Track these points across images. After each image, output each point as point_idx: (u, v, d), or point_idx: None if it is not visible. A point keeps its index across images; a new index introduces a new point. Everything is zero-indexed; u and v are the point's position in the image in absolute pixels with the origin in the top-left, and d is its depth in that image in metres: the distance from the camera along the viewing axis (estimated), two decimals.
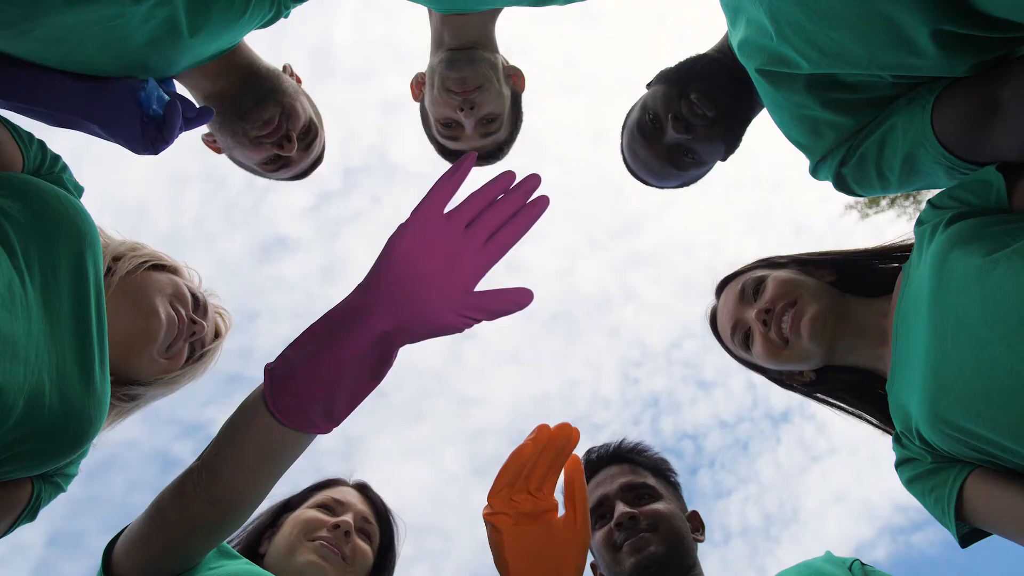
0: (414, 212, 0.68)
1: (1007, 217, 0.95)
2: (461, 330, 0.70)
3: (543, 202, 0.69)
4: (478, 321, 0.69)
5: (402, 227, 0.68)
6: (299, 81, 1.47)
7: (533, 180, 0.69)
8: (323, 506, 1.26)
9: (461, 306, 0.67)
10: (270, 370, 0.72)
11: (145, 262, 1.12)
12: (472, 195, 0.69)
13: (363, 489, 1.36)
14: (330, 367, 0.68)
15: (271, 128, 1.34)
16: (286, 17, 1.27)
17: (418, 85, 1.61)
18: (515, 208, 0.69)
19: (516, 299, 0.69)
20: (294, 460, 0.77)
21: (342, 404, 0.71)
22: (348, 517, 1.23)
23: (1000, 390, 0.85)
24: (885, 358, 1.11)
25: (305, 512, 1.23)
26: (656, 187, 1.62)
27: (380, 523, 1.31)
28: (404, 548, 1.33)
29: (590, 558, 1.42)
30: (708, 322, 1.42)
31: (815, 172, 1.24)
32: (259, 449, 0.73)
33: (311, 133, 1.44)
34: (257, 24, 1.21)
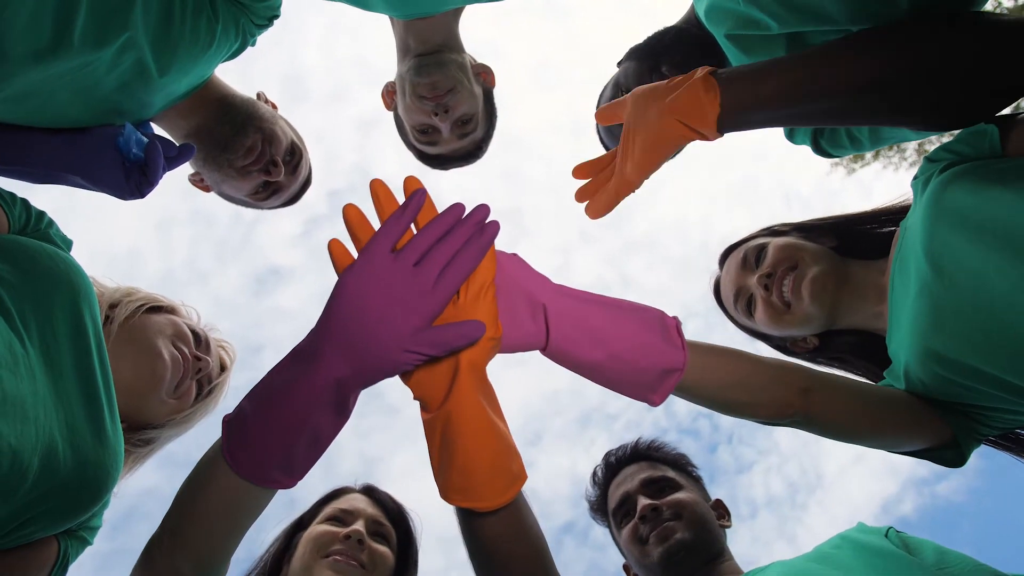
0: (360, 254, 0.66)
1: (1000, 160, 0.96)
2: (413, 366, 0.67)
3: (492, 229, 0.67)
4: (428, 356, 0.66)
5: (348, 270, 0.66)
6: (274, 107, 1.47)
7: (482, 210, 0.68)
8: (333, 519, 1.25)
9: (411, 343, 0.64)
10: (228, 422, 0.70)
11: (142, 305, 1.12)
12: (420, 232, 0.66)
13: (370, 492, 1.36)
14: (283, 420, 0.66)
15: (255, 155, 1.34)
16: (253, 45, 1.27)
17: (389, 94, 1.61)
18: (464, 240, 0.66)
19: (466, 332, 0.66)
20: (259, 513, 0.75)
21: (301, 457, 0.70)
22: (359, 525, 1.22)
23: (1000, 323, 0.86)
24: (884, 315, 1.11)
25: (315, 528, 1.23)
26: None
27: (393, 521, 1.30)
28: (435, 559, 1.33)
29: (622, 559, 1.43)
30: (712, 292, 1.43)
31: (791, 137, 1.25)
32: (221, 506, 0.71)
33: (296, 155, 1.44)
34: (225, 55, 1.21)
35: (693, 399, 0.84)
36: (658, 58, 1.40)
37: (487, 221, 0.68)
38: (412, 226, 0.70)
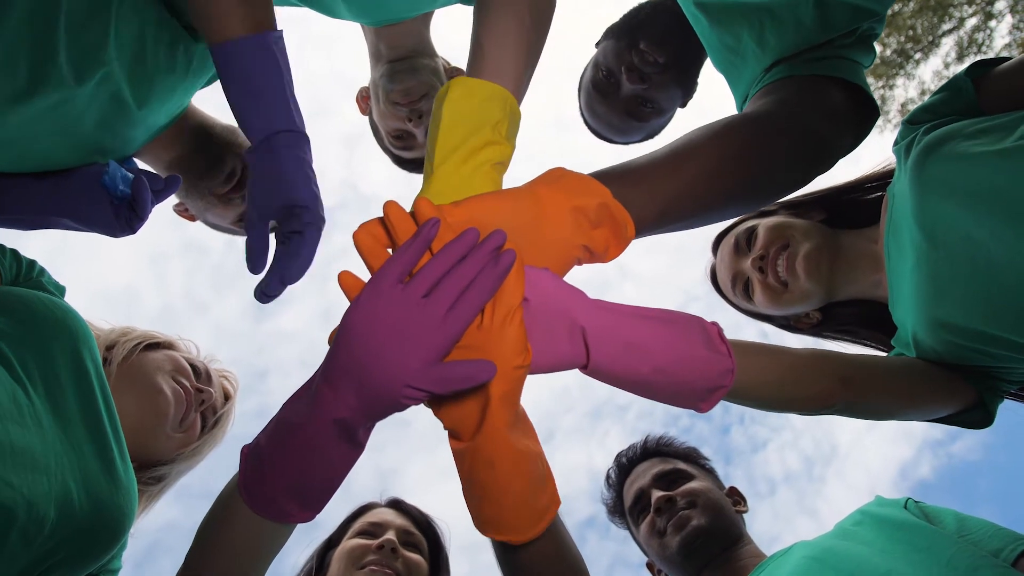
0: (366, 286, 0.63)
1: (978, 120, 0.96)
2: (417, 403, 0.64)
3: (508, 258, 0.62)
4: (431, 393, 0.62)
5: (354, 302, 0.63)
6: None
7: (496, 238, 0.63)
8: (363, 533, 1.27)
9: (416, 379, 0.60)
10: (245, 456, 0.70)
11: (139, 344, 1.12)
12: (429, 262, 0.62)
13: (397, 504, 1.38)
14: (294, 455, 0.65)
15: (235, 181, 1.34)
16: None
17: (364, 99, 1.61)
18: (477, 269, 0.62)
19: (473, 373, 0.61)
20: (281, 547, 0.75)
21: (316, 492, 0.69)
22: (390, 535, 1.23)
23: (1001, 286, 0.86)
24: (883, 283, 1.11)
25: (347, 543, 1.24)
26: (621, 143, 1.62)
27: (422, 530, 1.32)
28: (461, 566, 1.34)
29: (645, 558, 1.43)
30: (709, 280, 1.43)
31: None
32: (241, 543, 0.70)
33: None
34: (202, 81, 1.20)
35: (737, 401, 0.81)
36: (636, 34, 1.40)
37: (502, 249, 0.63)
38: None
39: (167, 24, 1.03)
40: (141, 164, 1.28)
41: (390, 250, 0.68)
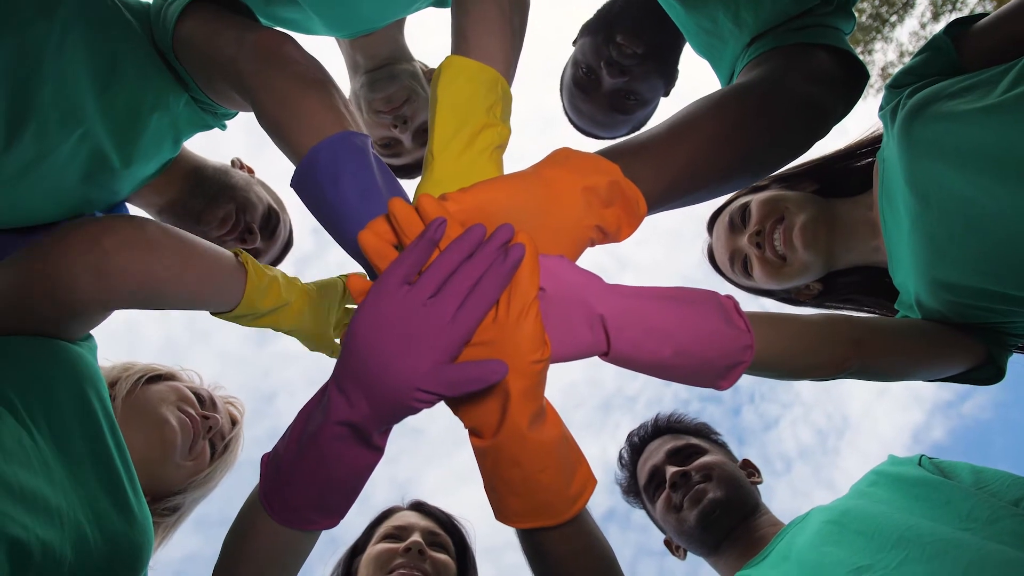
0: (371, 289, 0.61)
1: (961, 78, 0.96)
2: (428, 406, 0.62)
3: (516, 253, 0.59)
4: (441, 396, 0.61)
5: (361, 306, 0.61)
6: (251, 171, 1.46)
7: (503, 232, 0.60)
8: (389, 537, 1.27)
9: (425, 382, 0.59)
10: (265, 465, 0.70)
11: (141, 378, 1.12)
12: (435, 262, 0.60)
13: (419, 507, 1.39)
14: (312, 462, 0.65)
15: (229, 225, 1.33)
16: (223, 129, 1.25)
17: None
18: (484, 267, 0.60)
19: (482, 375, 0.58)
20: (307, 553, 0.74)
21: (336, 498, 0.68)
22: (416, 537, 1.24)
23: (997, 242, 0.86)
24: (882, 248, 1.11)
25: (374, 549, 1.24)
26: (608, 138, 1.62)
27: (447, 530, 1.32)
28: (485, 568, 1.34)
29: (662, 535, 1.43)
30: (707, 260, 1.43)
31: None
32: (265, 552, 0.70)
33: (272, 220, 1.43)
34: (194, 132, 1.19)
35: (755, 373, 0.80)
36: (611, 28, 1.40)
37: (511, 244, 0.60)
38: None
39: (162, 83, 1.02)
40: (133, 208, 1.27)
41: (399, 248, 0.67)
